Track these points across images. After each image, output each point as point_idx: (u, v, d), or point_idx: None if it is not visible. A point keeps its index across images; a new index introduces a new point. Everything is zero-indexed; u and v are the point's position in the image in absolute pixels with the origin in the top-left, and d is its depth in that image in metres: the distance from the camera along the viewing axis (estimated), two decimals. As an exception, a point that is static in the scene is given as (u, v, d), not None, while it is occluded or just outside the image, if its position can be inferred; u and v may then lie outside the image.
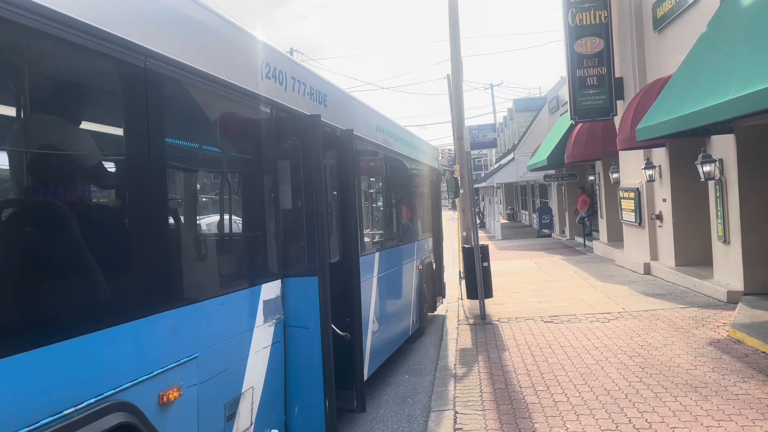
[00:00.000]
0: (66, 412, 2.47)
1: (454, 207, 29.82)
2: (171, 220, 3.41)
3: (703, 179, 10.14)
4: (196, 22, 3.67)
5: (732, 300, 9.65)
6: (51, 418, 2.40)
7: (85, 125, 2.96)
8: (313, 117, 4.84)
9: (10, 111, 2.54)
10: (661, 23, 12.44)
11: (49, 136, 2.76)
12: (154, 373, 3.02)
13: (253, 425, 4.04)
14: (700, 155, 10.00)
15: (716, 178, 10.03)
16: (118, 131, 3.12)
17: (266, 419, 4.23)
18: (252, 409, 4.03)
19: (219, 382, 3.62)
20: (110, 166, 3.18)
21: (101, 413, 2.62)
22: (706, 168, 9.91)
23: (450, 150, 34.95)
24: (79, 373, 2.57)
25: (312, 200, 4.66)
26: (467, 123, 12.13)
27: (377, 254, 7.24)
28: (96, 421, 2.58)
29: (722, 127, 9.24)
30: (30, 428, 2.30)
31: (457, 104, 12.33)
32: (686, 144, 11.54)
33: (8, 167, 2.56)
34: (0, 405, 2.21)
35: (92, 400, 2.61)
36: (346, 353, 5.41)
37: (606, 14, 14.74)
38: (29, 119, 2.58)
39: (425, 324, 10.00)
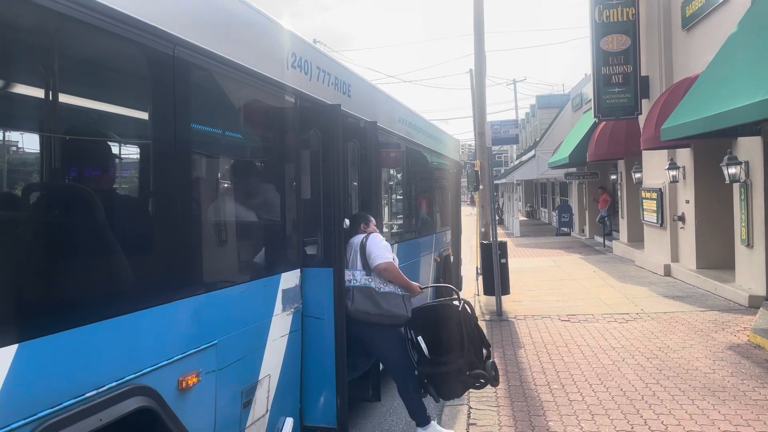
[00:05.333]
0: (88, 394, 2.51)
1: (472, 203, 29.74)
2: (195, 208, 3.44)
3: (728, 181, 9.98)
4: (225, 11, 3.68)
5: (753, 305, 9.52)
6: (73, 401, 2.44)
7: (115, 110, 2.99)
8: (334, 107, 4.83)
9: (40, 94, 2.57)
10: (689, 22, 12.24)
11: (80, 122, 2.79)
12: (175, 358, 3.05)
13: (268, 412, 4.07)
14: (726, 157, 9.84)
15: (741, 180, 9.88)
16: (146, 117, 3.14)
17: (282, 407, 4.26)
18: (268, 397, 4.06)
19: (237, 369, 3.65)
20: (134, 152, 3.21)
21: (122, 397, 2.65)
22: (732, 170, 9.75)
23: (470, 145, 34.82)
24: (102, 357, 2.61)
25: (330, 191, 4.66)
26: (489, 118, 12.07)
27: (396, 246, 7.23)
28: (117, 405, 2.61)
29: (749, 129, 9.09)
30: (53, 409, 2.34)
31: (480, 99, 12.27)
32: (711, 145, 11.38)
33: (37, 151, 2.59)
34: (25, 386, 2.24)
35: (113, 384, 2.64)
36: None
37: (634, 11, 14.55)
38: (59, 103, 2.61)
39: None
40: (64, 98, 2.65)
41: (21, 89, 2.51)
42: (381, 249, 4.94)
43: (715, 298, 10.55)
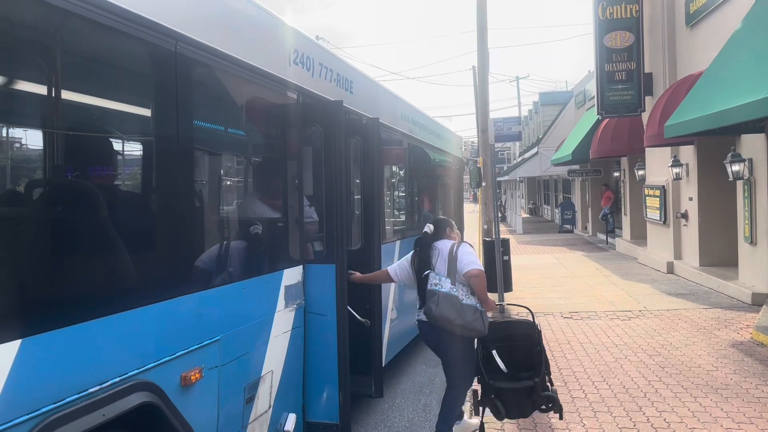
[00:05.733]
0: (91, 390, 2.52)
1: (475, 200, 29.68)
2: (198, 204, 3.44)
3: (731, 179, 9.95)
4: (227, 7, 3.68)
5: (756, 302, 9.50)
6: (77, 396, 2.45)
7: (117, 107, 2.99)
8: (336, 103, 4.83)
9: (43, 90, 2.57)
10: (693, 18, 12.21)
11: (84, 118, 2.80)
12: (177, 354, 3.05)
13: (271, 408, 4.08)
14: (730, 154, 9.81)
15: (745, 177, 9.85)
16: (149, 114, 3.15)
17: (284, 403, 4.27)
18: (271, 393, 4.07)
19: (240, 365, 3.66)
20: (137, 149, 3.21)
21: (125, 392, 2.66)
22: (735, 167, 9.72)
23: (473, 142, 34.79)
24: (105, 353, 2.62)
25: (332, 187, 4.66)
26: (492, 115, 12.05)
27: (398, 242, 7.24)
28: (120, 400, 2.62)
29: (753, 126, 9.06)
30: (56, 405, 2.35)
31: (483, 96, 12.25)
32: (715, 142, 11.35)
33: (40, 148, 2.60)
34: (28, 381, 2.25)
35: (117, 379, 2.65)
36: (365, 339, 5.44)
37: (637, 8, 14.50)
38: (62, 100, 2.61)
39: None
40: (67, 95, 2.66)
41: (25, 86, 2.51)
42: (474, 256, 4.90)
43: (718, 296, 10.54)
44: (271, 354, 4.05)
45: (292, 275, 4.38)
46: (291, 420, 4.29)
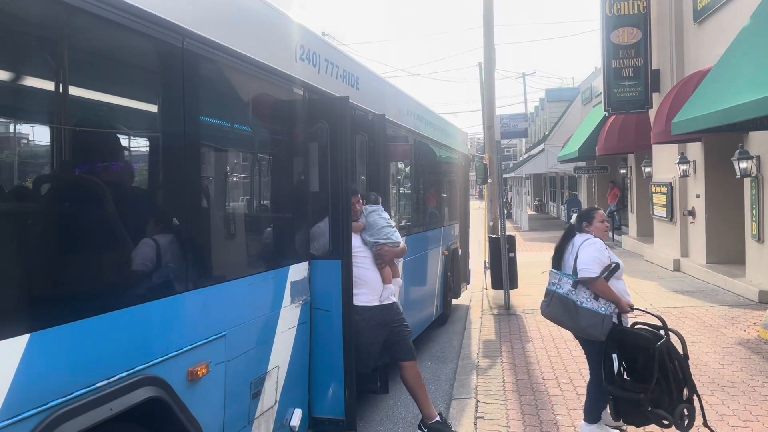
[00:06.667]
0: (99, 384, 2.53)
1: (480, 197, 29.63)
2: (205, 200, 3.45)
3: (739, 176, 9.91)
4: (234, 3, 3.68)
5: (764, 300, 9.47)
6: (84, 390, 2.46)
7: (125, 103, 3.00)
8: (342, 99, 4.83)
9: (51, 86, 2.58)
10: (701, 14, 12.14)
11: (91, 114, 2.80)
12: (184, 349, 3.06)
13: (277, 403, 4.09)
14: (737, 151, 9.77)
15: (753, 175, 9.80)
16: (156, 110, 3.15)
17: (290, 398, 4.28)
18: (277, 388, 4.08)
19: (246, 361, 3.67)
20: (144, 145, 3.22)
21: (132, 387, 2.68)
22: (743, 164, 9.67)
23: (479, 139, 34.66)
24: (112, 347, 2.63)
25: (338, 184, 4.66)
26: (498, 112, 12.02)
27: (404, 239, 7.23)
28: (127, 395, 2.63)
29: (761, 123, 9.00)
30: (64, 399, 2.37)
31: (489, 92, 12.22)
32: (722, 139, 11.30)
33: (47, 143, 2.60)
34: (36, 375, 2.27)
35: (124, 374, 2.66)
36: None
37: (645, 4, 14.44)
38: (69, 95, 2.62)
39: (449, 311, 9.99)
40: (75, 91, 2.66)
41: (34, 82, 2.52)
42: (589, 260, 4.63)
43: (725, 294, 10.50)
44: (277, 349, 4.06)
45: (297, 271, 4.38)
46: (297, 415, 4.30)
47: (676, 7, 13.48)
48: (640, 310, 4.86)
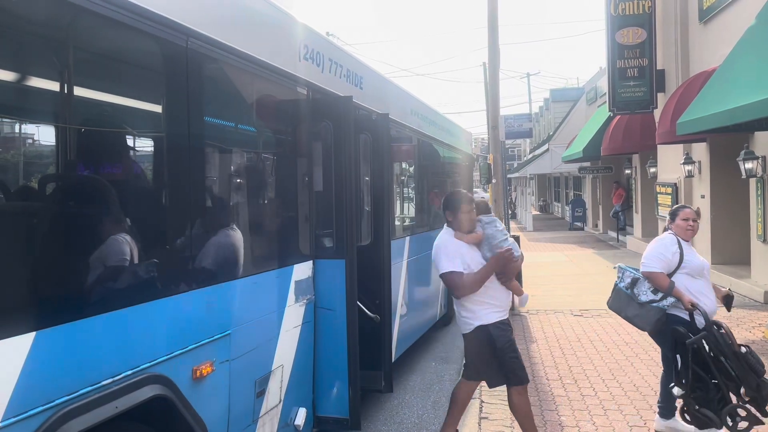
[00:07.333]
0: (104, 382, 2.54)
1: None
2: (209, 199, 3.46)
3: (744, 176, 9.87)
4: (238, 3, 3.69)
5: (769, 301, 9.44)
6: (89, 388, 2.47)
7: (129, 103, 3.01)
8: (346, 98, 4.83)
9: (56, 87, 2.59)
10: (707, 14, 12.11)
11: (95, 114, 2.82)
12: (189, 347, 3.07)
13: (281, 402, 4.10)
14: (743, 151, 9.73)
15: (758, 175, 9.77)
16: (160, 110, 3.16)
17: (295, 397, 4.29)
18: (281, 387, 4.09)
19: (250, 359, 3.68)
20: (148, 145, 3.23)
21: (137, 385, 2.68)
22: (748, 165, 9.64)
23: (483, 139, 34.64)
24: (118, 346, 2.64)
25: (341, 183, 4.67)
26: (502, 112, 12.02)
27: (408, 239, 7.24)
28: (132, 393, 2.64)
29: (767, 124, 8.99)
30: (69, 397, 2.37)
31: (493, 92, 12.21)
32: (728, 140, 11.26)
33: (52, 143, 2.61)
34: (42, 373, 2.28)
35: (129, 372, 2.67)
36: (375, 334, 5.44)
37: (650, 4, 14.40)
38: (73, 95, 2.63)
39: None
40: (79, 90, 2.67)
41: (38, 83, 2.53)
42: (650, 255, 4.84)
43: (730, 294, 10.45)
44: (282, 348, 4.07)
45: (302, 270, 4.39)
46: (301, 414, 4.31)
47: (681, 7, 13.45)
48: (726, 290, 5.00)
